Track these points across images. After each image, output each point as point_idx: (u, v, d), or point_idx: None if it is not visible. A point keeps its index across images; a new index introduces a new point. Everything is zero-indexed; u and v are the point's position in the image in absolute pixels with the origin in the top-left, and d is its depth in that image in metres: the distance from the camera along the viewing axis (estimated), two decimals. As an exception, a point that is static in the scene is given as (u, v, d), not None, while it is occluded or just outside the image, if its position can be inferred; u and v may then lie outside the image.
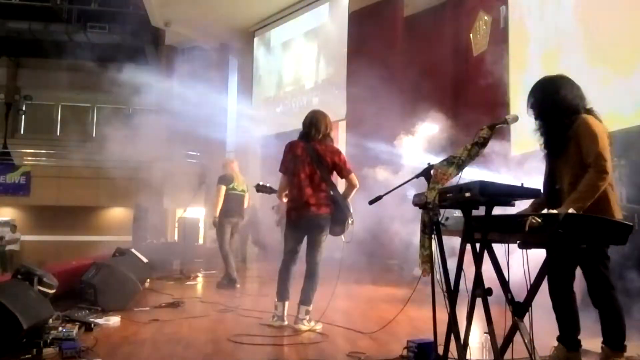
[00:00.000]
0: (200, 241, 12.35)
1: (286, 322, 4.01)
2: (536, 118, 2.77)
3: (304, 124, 4.20)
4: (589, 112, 2.68)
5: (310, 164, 4.04)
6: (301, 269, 4.12)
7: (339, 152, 4.17)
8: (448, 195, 2.57)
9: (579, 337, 2.76)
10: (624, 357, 2.58)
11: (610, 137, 2.64)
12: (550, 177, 2.80)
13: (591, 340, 2.82)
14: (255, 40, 13.08)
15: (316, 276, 4.03)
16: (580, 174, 2.55)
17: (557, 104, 2.66)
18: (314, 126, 4.12)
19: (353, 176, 4.17)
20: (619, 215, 2.61)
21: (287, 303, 4.05)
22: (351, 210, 4.13)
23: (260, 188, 4.95)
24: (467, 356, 2.54)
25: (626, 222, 2.26)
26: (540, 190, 2.56)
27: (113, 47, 17.42)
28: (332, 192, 4.10)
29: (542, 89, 2.76)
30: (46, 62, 19.11)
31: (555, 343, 2.81)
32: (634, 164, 4.31)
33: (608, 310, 2.58)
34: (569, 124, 2.63)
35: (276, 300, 4.09)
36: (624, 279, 3.52)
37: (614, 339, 2.58)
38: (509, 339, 2.49)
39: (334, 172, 4.14)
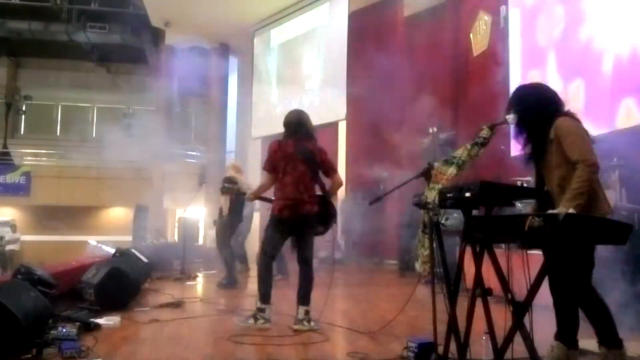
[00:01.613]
0: (200, 241, 12.34)
1: (271, 323, 3.92)
2: (516, 125, 2.83)
3: (291, 122, 4.16)
4: (566, 114, 2.71)
5: (302, 162, 4.03)
6: (296, 270, 4.11)
7: (325, 151, 4.23)
8: (448, 195, 2.57)
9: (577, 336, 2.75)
10: (622, 353, 2.57)
11: (590, 137, 2.67)
12: (539, 180, 2.85)
13: (592, 340, 2.82)
14: (255, 40, 13.08)
15: (312, 275, 4.01)
16: (566, 174, 2.58)
17: (532, 111, 2.73)
18: (304, 125, 4.14)
19: (338, 175, 4.24)
20: (606, 209, 2.61)
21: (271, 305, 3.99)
22: (336, 210, 4.15)
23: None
24: (467, 356, 2.55)
25: (626, 222, 2.26)
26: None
27: (113, 47, 17.42)
28: (320, 191, 4.12)
29: (517, 97, 2.83)
30: (46, 62, 19.12)
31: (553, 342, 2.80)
32: (633, 164, 4.31)
33: (586, 306, 2.58)
34: (545, 129, 2.67)
35: (262, 303, 3.94)
36: (624, 279, 3.51)
37: (606, 336, 2.57)
38: (509, 339, 2.49)
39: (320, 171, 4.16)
